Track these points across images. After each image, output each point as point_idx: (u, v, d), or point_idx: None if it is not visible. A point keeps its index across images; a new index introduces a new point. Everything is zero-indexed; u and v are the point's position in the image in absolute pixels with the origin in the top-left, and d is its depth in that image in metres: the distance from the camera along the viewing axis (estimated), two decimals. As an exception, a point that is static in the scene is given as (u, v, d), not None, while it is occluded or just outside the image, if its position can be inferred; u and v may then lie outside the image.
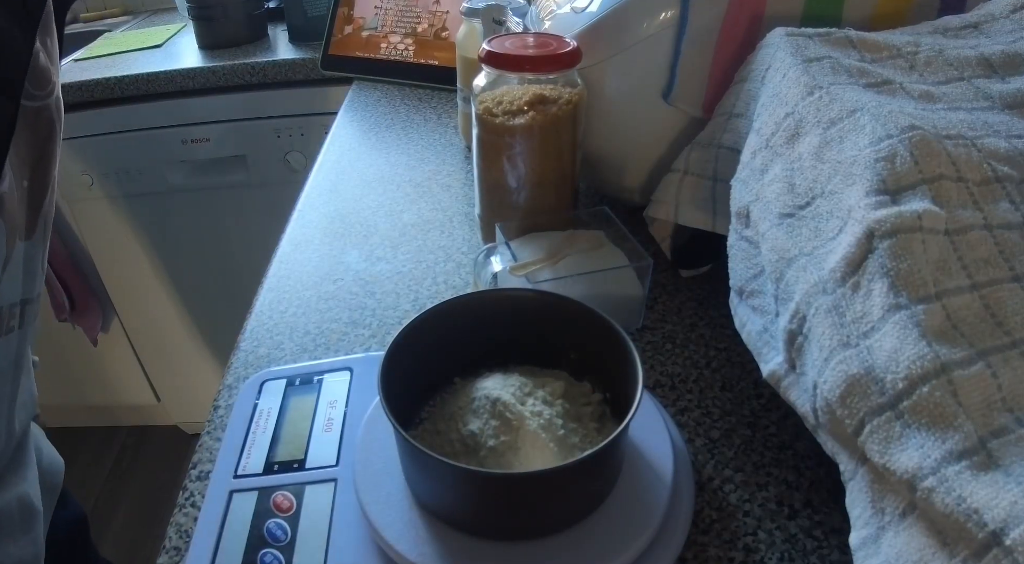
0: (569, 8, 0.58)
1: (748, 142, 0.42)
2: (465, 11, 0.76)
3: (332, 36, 1.15)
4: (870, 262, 0.29)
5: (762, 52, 0.46)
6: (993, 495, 0.23)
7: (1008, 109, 0.38)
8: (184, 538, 0.39)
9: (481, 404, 0.37)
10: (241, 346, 0.53)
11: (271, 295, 0.58)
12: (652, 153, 0.57)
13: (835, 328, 0.30)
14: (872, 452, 0.27)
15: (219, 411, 0.47)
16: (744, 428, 0.44)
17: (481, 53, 0.53)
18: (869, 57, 0.42)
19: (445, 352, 0.41)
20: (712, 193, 0.49)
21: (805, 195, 0.35)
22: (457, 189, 0.73)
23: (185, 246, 1.46)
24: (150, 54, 1.37)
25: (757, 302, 0.38)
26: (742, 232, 0.40)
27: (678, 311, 0.54)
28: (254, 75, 1.27)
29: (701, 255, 0.57)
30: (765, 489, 0.40)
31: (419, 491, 0.36)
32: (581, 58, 0.53)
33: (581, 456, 0.32)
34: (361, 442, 0.39)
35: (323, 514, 0.37)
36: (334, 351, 0.51)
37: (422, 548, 0.34)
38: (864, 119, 0.34)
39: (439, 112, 0.94)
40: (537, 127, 0.52)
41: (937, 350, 0.26)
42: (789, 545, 0.37)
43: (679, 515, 0.36)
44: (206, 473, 0.42)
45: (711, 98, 0.53)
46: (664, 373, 0.48)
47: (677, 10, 0.51)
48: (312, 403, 0.44)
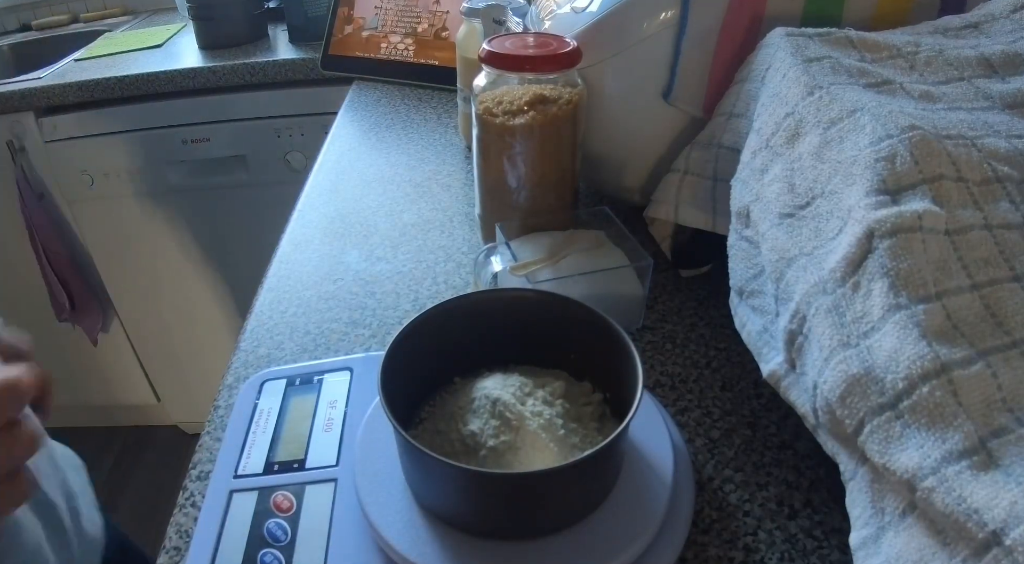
0: (569, 8, 0.58)
1: (748, 142, 0.42)
2: (465, 11, 0.76)
3: (332, 36, 1.15)
4: (870, 262, 0.29)
5: (762, 52, 0.46)
6: (993, 495, 0.23)
7: (1008, 109, 0.38)
8: (184, 538, 0.39)
9: (481, 404, 0.37)
10: (241, 346, 0.53)
11: (271, 295, 0.58)
12: (652, 153, 0.57)
13: (835, 328, 0.30)
14: (872, 452, 0.27)
15: (219, 411, 0.47)
16: (744, 428, 0.44)
17: (481, 53, 0.53)
18: (869, 57, 0.42)
19: (445, 352, 0.41)
20: (712, 193, 0.49)
21: (805, 195, 0.35)
22: (457, 189, 0.73)
23: (185, 246, 1.46)
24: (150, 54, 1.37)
25: (757, 302, 0.38)
26: (742, 232, 0.40)
27: (678, 311, 0.54)
28: (254, 75, 1.27)
29: (701, 255, 0.57)
30: (765, 489, 0.40)
31: (419, 491, 0.36)
32: (581, 58, 0.53)
33: (581, 456, 0.32)
34: (361, 442, 0.39)
35: (323, 514, 0.37)
36: (334, 351, 0.51)
37: (422, 548, 0.34)
38: (864, 119, 0.34)
39: (439, 112, 0.94)
40: (537, 127, 0.52)
41: (937, 350, 0.26)
42: (789, 545, 0.37)
43: (679, 515, 0.36)
44: (206, 473, 0.42)
45: (711, 98, 0.53)
46: (664, 373, 0.48)
47: (677, 10, 0.51)
48: (312, 403, 0.44)
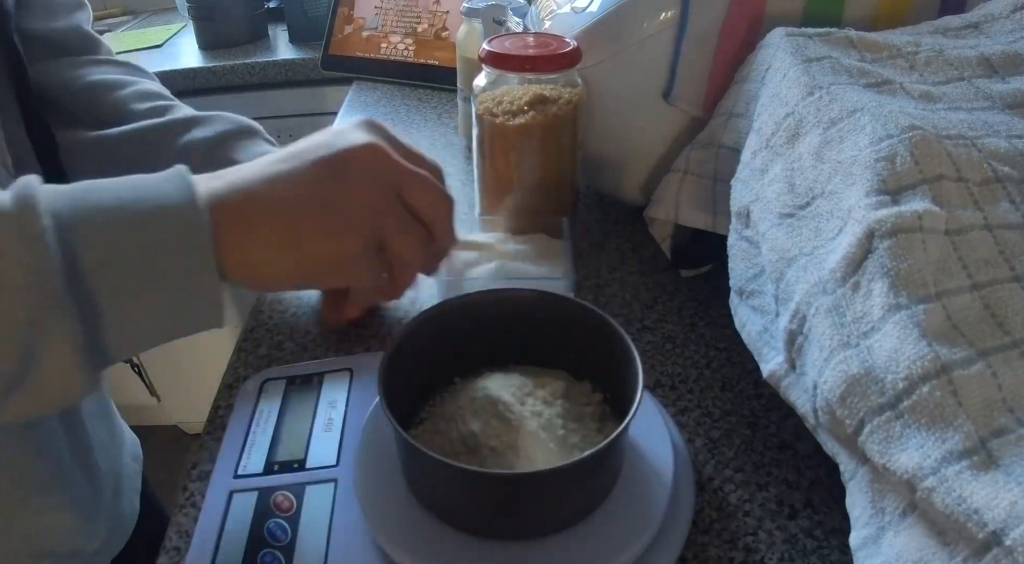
0: (569, 8, 0.58)
1: (748, 142, 0.42)
2: (465, 11, 0.76)
3: (332, 36, 1.15)
4: (870, 262, 0.29)
5: (762, 52, 0.46)
6: (993, 495, 0.23)
7: (1008, 109, 0.38)
8: (184, 538, 0.39)
9: (481, 404, 0.37)
10: (241, 346, 0.53)
11: (271, 295, 0.58)
12: (652, 153, 0.57)
13: (835, 328, 0.30)
14: (872, 452, 0.27)
15: (219, 411, 0.47)
16: (744, 428, 0.44)
17: (481, 53, 0.53)
18: (869, 57, 0.42)
19: (445, 352, 0.41)
20: (712, 193, 0.49)
21: (805, 195, 0.35)
22: (457, 189, 0.73)
23: (185, 246, 1.46)
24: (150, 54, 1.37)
25: (757, 302, 0.38)
26: (742, 232, 0.40)
27: (678, 311, 0.54)
28: (254, 75, 1.27)
29: (701, 255, 0.57)
30: (765, 489, 0.40)
31: (419, 491, 0.36)
32: (581, 58, 0.53)
33: (581, 456, 0.32)
34: (361, 442, 0.39)
35: (323, 514, 0.37)
36: (334, 351, 0.51)
37: (422, 548, 0.34)
38: (864, 119, 0.34)
39: (439, 112, 0.94)
40: (537, 127, 0.52)
41: (937, 350, 0.26)
42: (789, 545, 0.37)
43: (679, 515, 0.36)
44: (206, 473, 0.42)
45: (711, 98, 0.53)
46: (664, 373, 0.48)
47: (677, 10, 0.51)
48: (312, 403, 0.44)
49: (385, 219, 0.36)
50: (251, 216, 0.33)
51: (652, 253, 0.60)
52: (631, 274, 0.58)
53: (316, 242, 0.34)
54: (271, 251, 0.34)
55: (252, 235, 0.33)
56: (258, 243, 0.34)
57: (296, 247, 0.34)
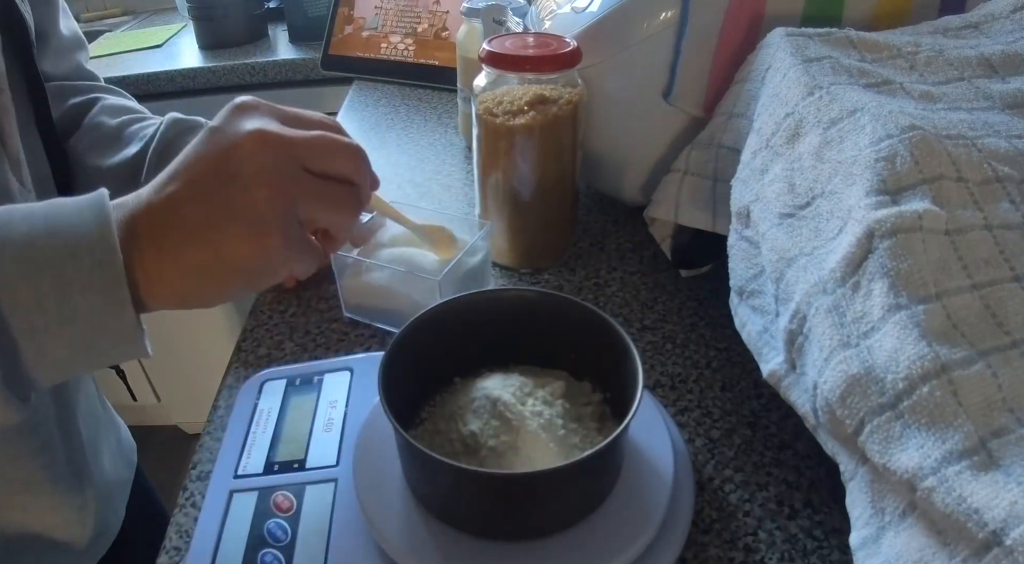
0: (569, 8, 0.58)
1: (748, 142, 0.42)
2: (465, 11, 0.76)
3: (332, 36, 1.15)
4: (870, 262, 0.29)
5: (762, 52, 0.46)
6: (993, 495, 0.23)
7: (1008, 109, 0.38)
8: (184, 538, 0.39)
9: (481, 404, 0.37)
10: (241, 346, 0.53)
11: (271, 295, 0.58)
12: (652, 153, 0.57)
13: (835, 328, 0.30)
14: (872, 452, 0.27)
15: (219, 411, 0.47)
16: (744, 428, 0.44)
17: (481, 53, 0.53)
18: (869, 57, 0.42)
19: (445, 352, 0.41)
20: (712, 193, 0.49)
21: (805, 195, 0.35)
22: (457, 189, 0.73)
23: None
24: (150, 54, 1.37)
25: (757, 302, 0.38)
26: (742, 232, 0.40)
27: (678, 311, 0.54)
28: (254, 75, 1.27)
29: (701, 255, 0.57)
30: (765, 489, 0.40)
31: (419, 491, 0.36)
32: (581, 58, 0.53)
33: (581, 456, 0.32)
34: (361, 442, 0.39)
35: (323, 514, 0.37)
36: (334, 351, 0.51)
37: (422, 548, 0.34)
38: (864, 119, 0.34)
39: (439, 112, 0.94)
40: (537, 127, 0.52)
41: (937, 350, 0.26)
42: (789, 545, 0.37)
43: (679, 515, 0.36)
44: (206, 473, 0.42)
45: (711, 98, 0.53)
46: (664, 373, 0.48)
47: (677, 10, 0.51)
48: (312, 403, 0.44)
49: (295, 200, 0.34)
50: (163, 244, 0.32)
51: (652, 253, 0.60)
52: (631, 274, 0.58)
53: (235, 251, 0.33)
54: (192, 275, 0.33)
55: (170, 262, 0.32)
56: (177, 268, 0.33)
57: (218, 263, 0.33)
